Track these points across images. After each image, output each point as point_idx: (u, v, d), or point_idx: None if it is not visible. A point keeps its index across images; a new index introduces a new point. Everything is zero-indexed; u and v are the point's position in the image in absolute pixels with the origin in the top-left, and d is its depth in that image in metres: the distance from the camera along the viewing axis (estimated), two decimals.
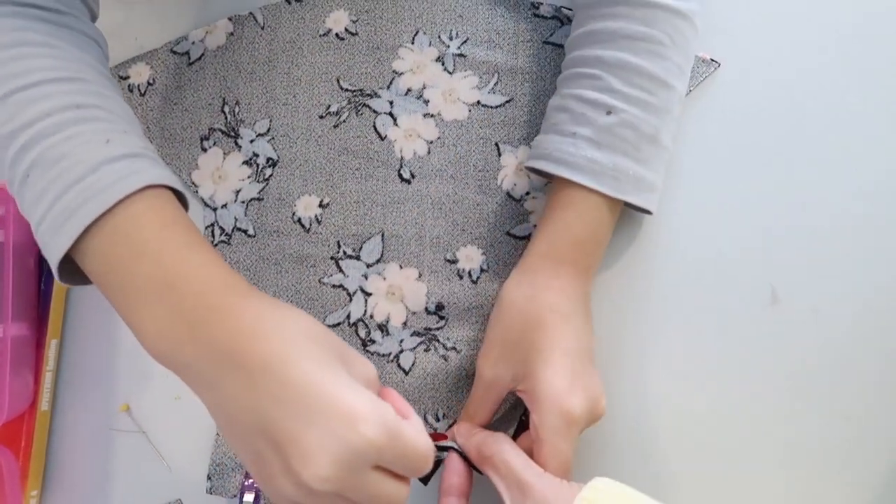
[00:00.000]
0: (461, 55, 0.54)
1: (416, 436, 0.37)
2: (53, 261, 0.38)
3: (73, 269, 0.39)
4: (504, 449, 0.42)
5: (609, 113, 0.44)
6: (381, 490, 0.36)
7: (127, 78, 0.57)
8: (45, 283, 0.55)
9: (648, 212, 0.47)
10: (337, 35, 0.55)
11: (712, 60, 0.52)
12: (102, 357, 0.55)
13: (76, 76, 0.41)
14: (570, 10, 0.54)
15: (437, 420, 0.51)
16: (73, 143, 0.38)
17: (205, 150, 0.55)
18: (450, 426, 0.51)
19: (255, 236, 0.54)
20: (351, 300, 0.52)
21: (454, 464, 0.45)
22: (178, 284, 0.37)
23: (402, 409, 0.39)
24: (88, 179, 0.37)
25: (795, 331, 0.50)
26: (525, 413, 0.47)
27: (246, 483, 0.51)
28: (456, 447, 0.46)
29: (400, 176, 0.53)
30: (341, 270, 0.53)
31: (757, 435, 0.50)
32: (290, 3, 0.56)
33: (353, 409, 0.34)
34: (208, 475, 0.52)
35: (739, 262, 0.51)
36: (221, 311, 0.36)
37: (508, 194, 0.52)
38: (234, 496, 0.52)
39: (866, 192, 0.51)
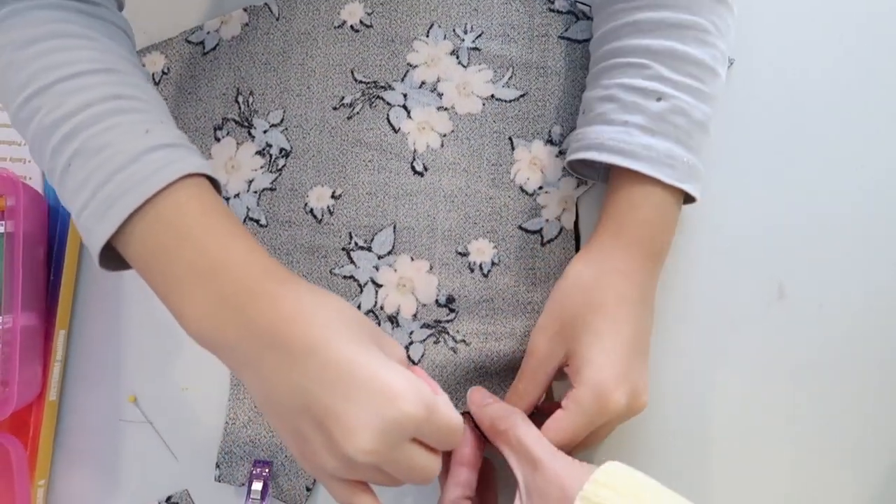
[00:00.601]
0: (476, 49, 0.55)
1: (449, 411, 0.40)
2: (96, 247, 0.40)
3: (111, 255, 0.41)
4: (518, 424, 0.43)
5: (659, 100, 0.45)
6: (417, 462, 0.39)
7: (142, 66, 0.58)
8: (54, 274, 0.56)
9: (692, 200, 0.48)
10: (352, 27, 0.56)
11: None
12: (111, 348, 0.56)
13: (113, 67, 0.42)
14: (586, 5, 0.54)
15: None
16: (114, 133, 0.40)
17: (218, 139, 0.56)
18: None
19: (266, 226, 0.55)
20: (362, 291, 0.53)
21: (466, 434, 0.46)
22: (220, 271, 0.39)
23: (432, 386, 0.42)
24: (130, 169, 0.39)
25: (801, 326, 0.51)
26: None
27: (254, 472, 0.52)
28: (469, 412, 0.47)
29: (413, 168, 0.54)
30: (352, 262, 0.53)
31: (761, 429, 0.51)
32: None
33: (392, 385, 0.37)
34: (217, 463, 0.52)
35: (747, 257, 0.52)
36: (262, 297, 0.39)
37: (521, 188, 0.53)
38: (242, 485, 0.52)
39: (873, 190, 0.52)
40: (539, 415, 0.46)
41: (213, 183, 0.43)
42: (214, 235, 0.40)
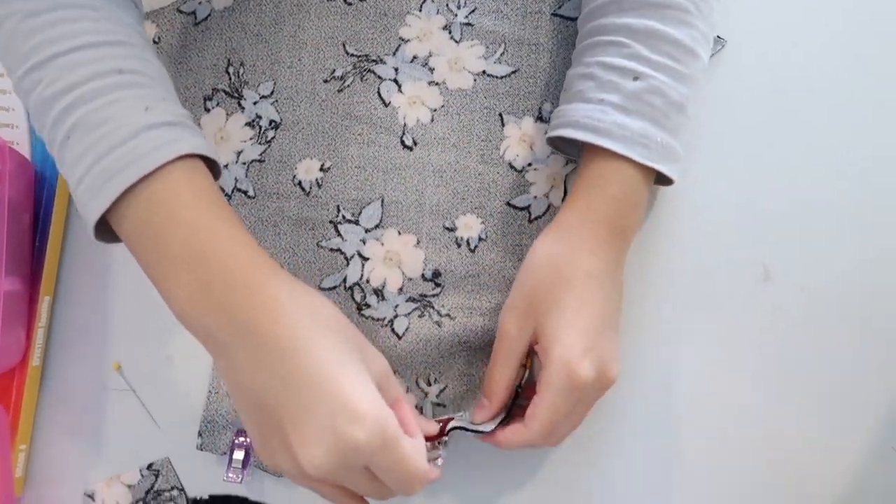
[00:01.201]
0: (468, 24, 0.55)
1: (410, 453, 0.40)
2: (90, 221, 0.41)
3: (105, 228, 0.42)
4: None
5: (636, 79, 0.46)
6: (369, 489, 0.40)
7: None
8: (40, 240, 0.57)
9: (669, 182, 0.49)
10: (344, 0, 0.56)
11: (718, 38, 0.54)
12: (95, 316, 0.56)
13: (117, 40, 0.43)
14: None
15: (429, 384, 0.53)
16: (115, 108, 0.41)
17: (208, 110, 0.56)
18: (441, 391, 0.52)
19: (255, 198, 0.55)
20: (348, 264, 0.54)
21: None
22: (207, 257, 0.40)
23: (409, 426, 0.43)
24: (129, 144, 0.40)
25: (785, 309, 0.52)
26: (514, 401, 0.48)
27: (236, 441, 0.53)
28: (464, 425, 0.47)
29: (402, 143, 0.55)
30: (340, 234, 0.54)
31: (744, 409, 0.52)
32: None
33: (355, 407, 0.38)
34: (199, 432, 0.53)
35: (732, 240, 0.53)
36: (245, 289, 0.39)
37: (510, 165, 0.54)
38: (224, 453, 0.53)
39: (857, 173, 0.53)
40: (522, 398, 0.47)
41: (211, 163, 0.43)
42: (206, 221, 0.41)
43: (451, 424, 0.48)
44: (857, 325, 0.52)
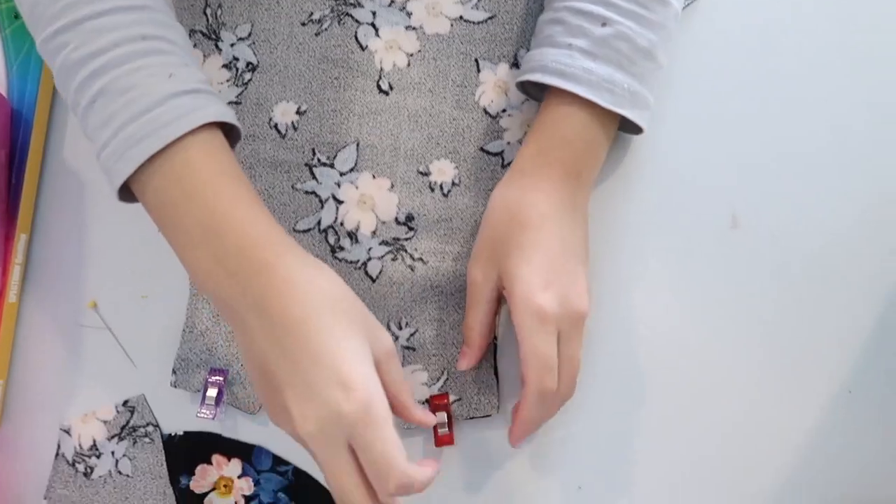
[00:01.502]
0: None
1: (392, 438, 0.41)
2: (114, 185, 0.43)
3: (127, 190, 0.44)
4: None
5: (604, 25, 0.46)
6: (343, 477, 0.41)
7: None
8: (16, 177, 0.57)
9: (639, 131, 0.49)
10: None
11: None
12: (72, 254, 0.57)
13: (142, 4, 0.44)
14: None
15: (400, 328, 0.54)
16: (140, 75, 0.42)
17: None
18: (412, 334, 0.53)
19: None
20: (322, 207, 0.55)
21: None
22: (222, 233, 0.42)
23: (407, 409, 0.46)
24: (154, 112, 0.41)
25: (754, 255, 0.53)
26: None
27: (210, 379, 0.54)
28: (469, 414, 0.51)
29: (378, 87, 0.55)
30: (315, 177, 0.55)
31: (707, 356, 0.53)
32: None
33: (346, 377, 0.40)
34: (173, 369, 0.54)
35: (700, 187, 0.54)
36: (258, 267, 0.42)
37: (485, 110, 0.54)
38: (198, 391, 0.54)
39: (828, 122, 0.54)
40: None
41: (232, 129, 0.45)
42: (222, 198, 0.42)
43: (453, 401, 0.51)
44: (822, 273, 0.53)
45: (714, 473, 0.53)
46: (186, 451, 0.55)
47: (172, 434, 0.55)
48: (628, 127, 0.50)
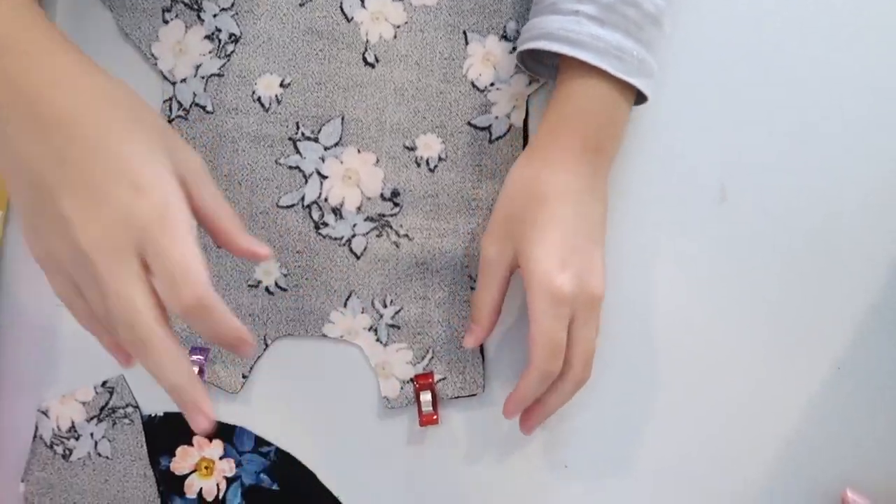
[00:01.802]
0: None
1: (191, 243, 0.36)
2: None
3: None
4: None
5: None
6: (131, 293, 0.35)
7: None
8: None
9: (644, 100, 0.48)
10: None
11: None
12: None
13: None
14: None
15: (385, 306, 0.53)
16: None
17: (166, 21, 0.56)
18: (396, 312, 0.53)
19: (213, 113, 0.55)
20: (307, 182, 0.54)
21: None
22: None
23: (220, 220, 0.40)
24: None
25: (743, 228, 0.52)
26: None
27: (191, 359, 0.53)
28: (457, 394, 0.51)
29: (364, 59, 0.54)
30: (298, 152, 0.54)
31: (699, 331, 0.52)
32: None
33: (137, 177, 0.35)
34: None
35: (689, 160, 0.53)
36: (25, 53, 0.36)
37: (473, 84, 0.54)
38: None
39: (817, 95, 0.53)
40: None
41: None
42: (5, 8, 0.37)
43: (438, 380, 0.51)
44: (815, 247, 0.53)
45: (716, 454, 0.52)
46: (167, 432, 0.54)
47: (152, 415, 0.54)
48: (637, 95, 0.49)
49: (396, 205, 0.53)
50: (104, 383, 0.55)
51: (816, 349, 0.52)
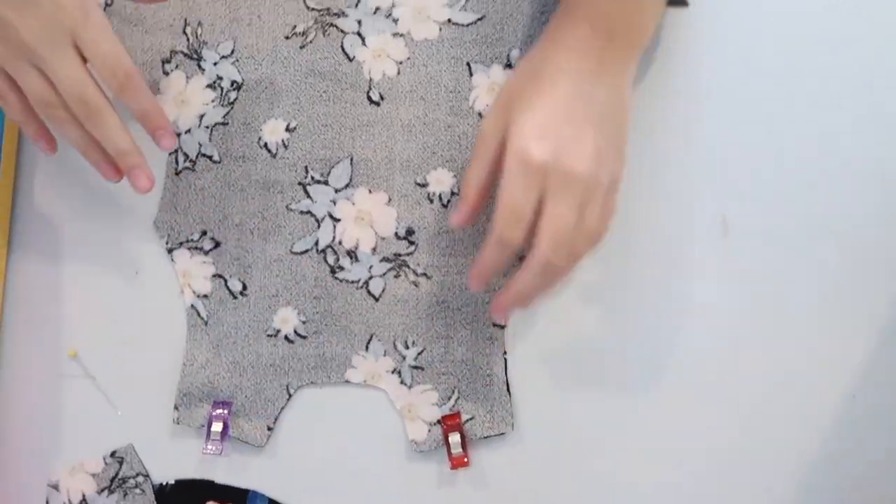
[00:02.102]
0: None
1: (115, 37, 0.45)
2: None
3: None
4: None
5: None
6: (73, 72, 0.45)
7: None
8: None
9: (684, 3, 0.47)
10: None
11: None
12: (49, 302, 0.55)
13: None
14: None
15: (407, 347, 0.52)
16: None
17: (167, 73, 0.55)
18: (419, 353, 0.52)
19: (220, 162, 0.54)
20: (319, 226, 0.53)
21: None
22: None
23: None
24: None
25: (743, 262, 0.51)
26: None
27: (213, 413, 0.52)
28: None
29: (369, 98, 0.53)
30: (309, 196, 0.53)
31: (708, 364, 0.51)
32: None
33: None
34: (175, 405, 0.53)
35: (692, 191, 0.52)
36: None
37: (480, 115, 0.53)
38: (202, 426, 0.53)
39: (823, 133, 0.51)
40: None
41: None
42: None
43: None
44: (814, 275, 0.51)
45: (720, 478, 0.51)
46: (178, 500, 0.53)
47: (164, 483, 0.54)
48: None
49: (412, 243, 0.52)
50: (113, 453, 0.54)
51: (829, 379, 0.51)
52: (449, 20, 0.54)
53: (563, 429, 0.51)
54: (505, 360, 0.52)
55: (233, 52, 0.55)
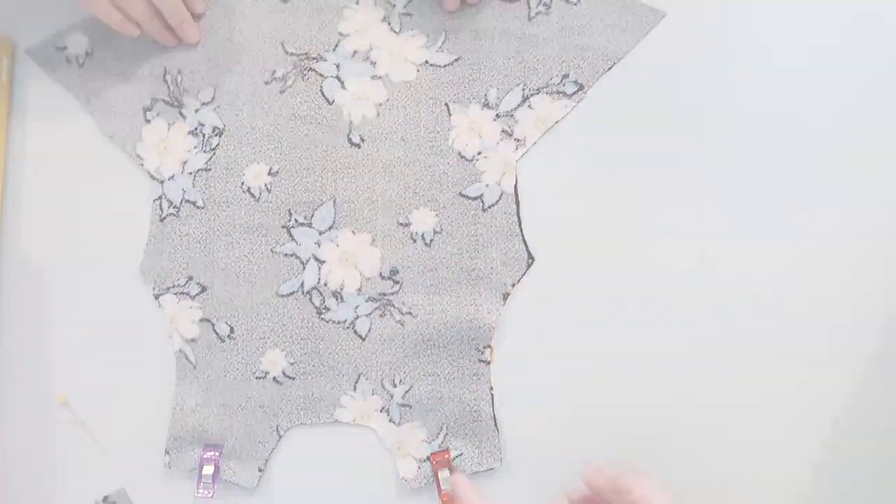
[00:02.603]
0: (407, 14, 0.55)
1: None
2: None
3: None
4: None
5: None
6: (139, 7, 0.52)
7: (65, 48, 0.58)
8: None
9: None
10: None
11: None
12: (37, 350, 0.56)
13: None
14: None
15: (394, 386, 0.53)
16: None
17: (148, 121, 0.56)
18: (407, 391, 0.53)
19: (204, 208, 0.55)
20: (304, 269, 0.54)
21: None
22: None
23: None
24: None
25: (721, 295, 0.52)
26: None
27: (204, 456, 0.53)
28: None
29: (350, 140, 0.55)
30: (293, 239, 0.54)
31: (695, 396, 0.52)
32: None
33: None
34: (166, 450, 0.54)
35: (668, 223, 0.53)
36: None
37: (460, 154, 0.54)
38: (192, 470, 0.53)
39: (802, 160, 0.52)
40: None
41: None
42: None
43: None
44: (793, 307, 0.52)
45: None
46: None
47: None
48: None
49: (396, 283, 0.53)
50: (105, 498, 0.54)
51: (801, 402, 0.51)
52: (426, 62, 0.55)
53: (552, 463, 0.52)
54: (492, 395, 0.53)
55: (213, 98, 0.56)
